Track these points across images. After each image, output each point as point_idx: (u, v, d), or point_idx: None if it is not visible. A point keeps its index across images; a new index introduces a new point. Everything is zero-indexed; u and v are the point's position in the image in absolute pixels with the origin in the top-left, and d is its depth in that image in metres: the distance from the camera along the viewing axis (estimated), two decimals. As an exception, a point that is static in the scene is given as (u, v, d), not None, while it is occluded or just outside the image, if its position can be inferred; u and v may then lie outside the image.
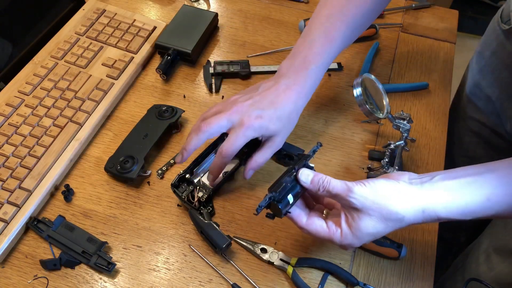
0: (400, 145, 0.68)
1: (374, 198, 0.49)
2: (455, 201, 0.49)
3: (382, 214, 0.49)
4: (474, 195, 0.49)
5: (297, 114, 0.64)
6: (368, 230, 0.50)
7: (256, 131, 0.60)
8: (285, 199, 0.52)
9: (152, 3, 0.94)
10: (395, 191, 0.50)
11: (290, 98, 0.62)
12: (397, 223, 0.50)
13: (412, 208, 0.49)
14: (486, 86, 0.82)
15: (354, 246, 0.53)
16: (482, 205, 0.49)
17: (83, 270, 0.60)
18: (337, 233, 0.52)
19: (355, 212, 0.50)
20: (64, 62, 0.79)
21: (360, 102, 0.68)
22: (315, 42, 0.63)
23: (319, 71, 0.64)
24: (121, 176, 0.66)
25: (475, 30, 2.23)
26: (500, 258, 0.77)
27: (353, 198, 0.49)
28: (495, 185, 0.49)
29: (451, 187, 0.50)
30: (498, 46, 0.78)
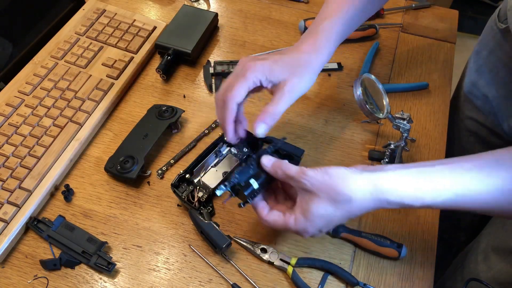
0: (400, 145, 0.68)
1: (324, 180, 0.51)
2: (404, 185, 0.50)
3: (330, 195, 0.50)
4: (423, 182, 0.50)
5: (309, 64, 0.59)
6: (319, 211, 0.51)
7: (258, 72, 0.56)
8: (249, 184, 0.55)
9: (152, 3, 0.94)
10: (345, 174, 0.51)
11: (299, 48, 0.60)
12: (346, 205, 0.50)
13: (360, 190, 0.50)
14: (483, 85, 0.82)
15: (308, 231, 0.53)
16: (430, 192, 0.50)
17: (83, 270, 0.60)
18: (291, 219, 0.53)
19: (307, 194, 0.52)
20: (64, 62, 0.79)
21: (360, 102, 0.68)
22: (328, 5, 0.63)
23: (334, 27, 0.62)
24: (121, 176, 0.66)
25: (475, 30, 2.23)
26: (499, 257, 0.77)
27: (305, 179, 0.51)
28: (444, 174, 0.50)
29: (400, 173, 0.51)
30: (495, 45, 0.78)
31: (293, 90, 0.57)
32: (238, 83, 0.55)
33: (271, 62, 0.57)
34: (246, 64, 0.57)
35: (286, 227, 0.54)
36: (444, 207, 0.51)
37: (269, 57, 0.58)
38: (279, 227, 0.54)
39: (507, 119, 0.79)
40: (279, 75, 0.57)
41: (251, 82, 0.56)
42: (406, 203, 0.50)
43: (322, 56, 0.61)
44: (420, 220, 0.66)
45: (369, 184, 0.50)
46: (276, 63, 0.57)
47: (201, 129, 0.74)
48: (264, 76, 0.56)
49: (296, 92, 0.58)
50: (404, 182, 0.50)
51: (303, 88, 0.59)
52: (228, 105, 0.56)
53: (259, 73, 0.56)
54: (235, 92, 0.55)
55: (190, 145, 0.72)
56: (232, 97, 0.55)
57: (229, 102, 0.55)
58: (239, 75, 0.56)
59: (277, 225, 0.55)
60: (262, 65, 0.56)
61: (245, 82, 0.56)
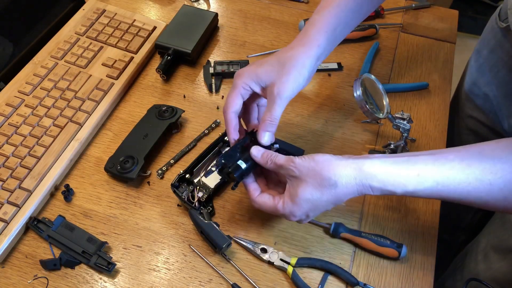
0: (400, 145, 0.68)
1: (310, 166, 0.53)
2: (386, 171, 0.52)
3: (316, 180, 0.52)
4: (405, 169, 0.52)
5: (297, 62, 0.58)
6: (305, 196, 0.53)
7: (245, 78, 0.58)
8: (237, 165, 0.57)
9: (152, 3, 0.94)
10: (330, 160, 0.53)
11: (288, 48, 0.60)
12: (331, 190, 0.52)
13: (345, 175, 0.52)
14: (484, 84, 0.82)
15: (295, 214, 0.55)
16: (413, 179, 0.51)
17: (83, 270, 0.60)
18: (280, 202, 0.55)
19: (295, 180, 0.54)
20: (64, 62, 0.79)
21: (360, 102, 0.68)
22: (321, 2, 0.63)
23: (325, 20, 0.62)
24: (121, 176, 0.66)
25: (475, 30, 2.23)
26: (498, 256, 0.77)
27: (293, 167, 0.53)
28: (427, 163, 0.51)
29: (384, 161, 0.53)
30: (496, 44, 0.78)
31: (282, 90, 0.57)
32: (231, 93, 0.60)
33: (256, 66, 0.59)
34: (236, 73, 0.60)
35: (275, 209, 0.56)
36: (426, 196, 0.52)
37: (258, 61, 0.60)
38: (268, 209, 0.56)
39: (508, 118, 0.79)
40: (265, 78, 0.58)
41: (242, 89, 0.59)
42: (388, 189, 0.52)
43: (311, 48, 0.60)
44: (420, 220, 0.66)
45: (353, 170, 0.52)
46: (261, 66, 0.59)
47: (201, 129, 0.74)
48: (252, 81, 0.59)
49: (287, 92, 0.57)
50: (387, 168, 0.52)
51: (294, 85, 0.58)
52: (226, 116, 0.60)
53: (246, 79, 0.59)
54: (230, 103, 0.59)
55: (190, 145, 0.72)
56: (227, 108, 0.59)
57: (226, 113, 0.60)
58: (232, 86, 0.60)
59: (266, 207, 0.57)
60: (248, 71, 0.59)
61: (236, 91, 0.59)
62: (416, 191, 0.52)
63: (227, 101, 0.59)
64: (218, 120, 0.75)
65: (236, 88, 0.59)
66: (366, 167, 0.52)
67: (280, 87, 0.57)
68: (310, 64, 0.59)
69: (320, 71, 0.83)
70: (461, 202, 0.52)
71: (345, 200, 0.53)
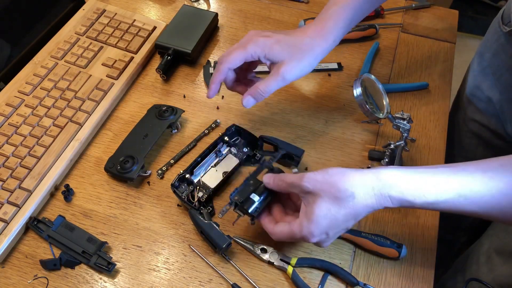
0: (400, 145, 0.68)
1: (324, 179, 0.51)
2: (406, 181, 0.50)
3: (332, 193, 0.50)
4: (425, 179, 0.50)
5: (312, 48, 0.60)
6: (322, 211, 0.50)
7: (258, 47, 0.58)
8: (250, 200, 0.57)
9: (152, 3, 0.94)
10: (345, 171, 0.51)
11: (305, 32, 0.60)
12: (349, 202, 0.50)
13: (362, 185, 0.50)
14: (487, 88, 0.82)
15: (314, 233, 0.51)
16: (433, 189, 0.49)
17: (83, 270, 0.60)
18: (296, 225, 0.53)
19: (310, 196, 0.51)
20: (64, 62, 0.79)
21: (360, 102, 0.68)
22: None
23: (343, 12, 0.62)
24: (121, 176, 0.66)
25: (475, 30, 2.23)
26: (501, 259, 0.77)
27: (305, 182, 0.51)
28: (449, 174, 0.50)
29: (403, 171, 0.51)
30: (499, 47, 0.78)
31: (289, 72, 0.59)
32: (237, 51, 0.59)
33: (273, 41, 0.58)
34: (251, 37, 0.59)
35: (292, 234, 0.53)
36: (446, 208, 0.50)
37: (274, 34, 0.59)
38: (286, 236, 0.54)
39: (510, 122, 0.79)
40: (278, 55, 0.58)
41: (249, 55, 0.59)
42: (407, 199, 0.50)
43: (327, 42, 0.61)
44: (420, 220, 0.66)
45: (370, 179, 0.50)
46: (278, 42, 0.58)
47: (201, 129, 0.74)
48: (263, 53, 0.58)
49: (291, 75, 0.59)
50: (407, 178, 0.50)
51: (300, 72, 0.60)
52: (220, 66, 0.59)
53: (259, 49, 0.58)
54: (231, 58, 0.59)
55: (190, 145, 0.72)
56: (226, 61, 0.59)
57: (222, 64, 0.59)
58: (240, 45, 0.59)
59: (284, 235, 0.54)
60: (264, 41, 0.58)
61: (243, 52, 0.58)
62: (436, 202, 0.49)
63: (230, 55, 0.58)
64: (218, 120, 0.75)
65: (245, 50, 0.58)
66: (384, 176, 0.50)
67: (288, 69, 0.58)
68: (321, 57, 0.61)
69: (320, 71, 0.83)
70: (482, 216, 0.51)
71: (364, 214, 0.51)
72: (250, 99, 0.60)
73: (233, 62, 0.59)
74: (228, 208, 0.59)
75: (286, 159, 0.70)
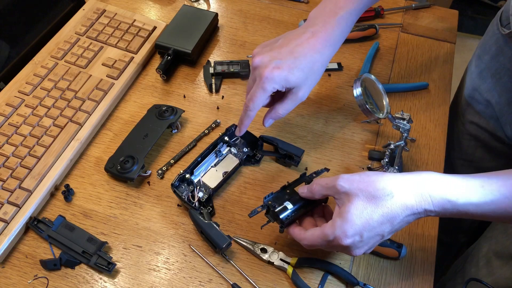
0: (400, 145, 0.68)
1: (361, 179, 0.50)
2: (447, 181, 0.49)
3: (369, 191, 0.49)
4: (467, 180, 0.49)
5: (322, 65, 0.60)
6: (357, 209, 0.49)
7: (276, 83, 0.58)
8: (284, 207, 0.57)
9: (152, 3, 0.94)
10: (383, 174, 0.51)
11: (314, 46, 0.59)
12: (387, 201, 0.48)
13: (401, 184, 0.49)
14: (485, 90, 0.82)
15: (347, 233, 0.49)
16: (477, 190, 0.48)
17: (83, 270, 0.60)
18: (328, 225, 0.51)
19: (344, 196, 0.51)
20: (64, 62, 0.79)
21: (360, 102, 0.69)
22: None
23: (350, 18, 0.61)
24: (121, 176, 0.66)
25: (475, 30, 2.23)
26: (501, 262, 0.77)
27: (341, 181, 0.51)
28: (490, 177, 0.49)
29: (444, 174, 0.50)
30: (497, 50, 0.77)
31: (305, 94, 0.60)
32: (260, 95, 0.59)
33: (287, 72, 0.58)
34: (263, 73, 0.58)
35: (324, 235, 0.51)
36: (491, 212, 0.48)
37: (284, 60, 0.58)
38: (317, 238, 0.52)
39: (510, 124, 0.79)
40: (295, 83, 0.59)
41: (270, 92, 0.59)
42: (450, 199, 0.48)
43: (335, 50, 0.62)
44: (420, 220, 0.66)
45: (410, 180, 0.49)
46: (291, 70, 0.58)
47: (201, 129, 0.74)
48: (281, 86, 0.59)
49: (307, 94, 0.61)
50: (447, 179, 0.49)
51: (313, 86, 0.61)
52: (251, 113, 0.60)
53: (276, 85, 0.58)
54: (256, 104, 0.59)
55: (190, 145, 0.72)
56: (254, 108, 0.60)
57: (252, 111, 0.60)
58: (259, 86, 0.58)
59: (315, 237, 0.52)
60: (279, 75, 0.57)
61: (264, 93, 0.58)
62: (480, 203, 0.48)
63: (255, 100, 0.59)
64: (218, 120, 0.75)
65: (266, 91, 0.58)
66: (424, 177, 0.49)
67: (305, 92, 0.60)
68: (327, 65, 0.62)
69: (320, 71, 0.83)
70: None
71: (402, 217, 0.49)
72: (270, 120, 0.62)
73: (259, 105, 0.60)
74: (260, 210, 0.58)
75: (286, 159, 0.70)
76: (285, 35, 0.61)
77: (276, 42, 0.61)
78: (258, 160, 0.70)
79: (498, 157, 0.86)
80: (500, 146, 0.84)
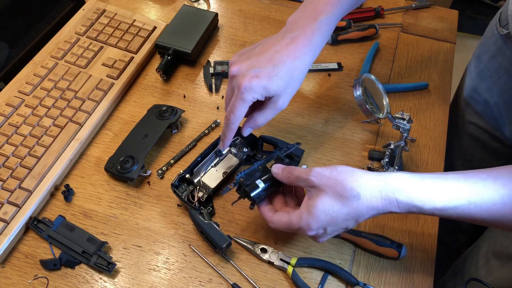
0: (400, 145, 0.68)
1: (331, 176, 0.50)
2: (415, 186, 0.49)
3: (337, 190, 0.49)
4: (435, 185, 0.49)
5: (303, 72, 0.58)
6: (324, 206, 0.50)
7: (255, 93, 0.56)
8: (255, 184, 0.57)
9: (152, 3, 0.94)
10: (354, 171, 0.51)
11: (294, 53, 0.57)
12: (353, 202, 0.49)
13: (369, 186, 0.49)
14: (484, 90, 0.82)
15: (312, 227, 0.51)
16: (443, 195, 0.49)
17: (83, 270, 0.60)
18: (295, 215, 0.52)
19: (314, 190, 0.51)
20: (64, 62, 0.79)
21: (360, 102, 0.69)
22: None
23: (330, 23, 0.59)
24: (121, 176, 0.66)
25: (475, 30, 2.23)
26: (500, 262, 0.77)
27: (312, 176, 0.51)
28: (459, 180, 0.49)
29: (412, 176, 0.50)
30: (496, 50, 0.77)
31: (285, 102, 0.58)
32: (240, 106, 0.57)
33: (266, 81, 0.55)
34: (242, 83, 0.55)
35: (290, 223, 0.53)
36: (455, 215, 0.49)
37: (262, 68, 0.56)
38: (284, 225, 0.54)
39: (508, 125, 0.79)
40: (274, 92, 0.57)
41: (250, 102, 0.57)
42: (415, 204, 0.49)
43: (315, 55, 0.59)
44: (420, 220, 0.66)
45: (378, 182, 0.49)
46: (271, 80, 0.55)
47: (201, 129, 0.74)
48: (260, 95, 0.56)
49: (287, 102, 0.59)
50: (416, 183, 0.49)
51: (293, 94, 0.59)
52: (232, 126, 0.59)
53: (256, 94, 0.56)
54: (237, 116, 0.58)
55: (190, 145, 0.72)
56: (235, 121, 0.58)
57: (234, 124, 0.59)
58: (238, 97, 0.56)
59: (282, 224, 0.54)
60: (258, 84, 0.55)
61: (244, 104, 0.57)
62: (445, 208, 0.48)
63: (236, 112, 0.57)
64: (218, 120, 0.75)
65: (246, 102, 0.56)
66: (393, 180, 0.49)
67: (285, 101, 0.58)
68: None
69: (320, 71, 0.83)
70: (492, 224, 0.50)
71: (367, 216, 0.50)
72: (249, 129, 0.62)
73: (241, 117, 0.58)
74: (231, 188, 0.58)
75: (286, 159, 0.70)
76: (263, 42, 0.59)
77: (254, 50, 0.58)
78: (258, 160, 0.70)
79: (497, 157, 0.86)
80: (499, 146, 0.84)
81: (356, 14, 0.91)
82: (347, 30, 0.87)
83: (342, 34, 0.87)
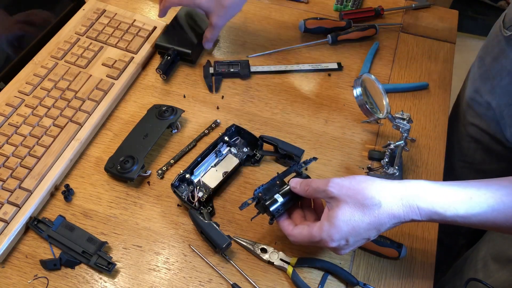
0: (400, 145, 0.68)
1: (351, 185, 0.50)
2: (436, 192, 0.49)
3: (357, 200, 0.49)
4: (456, 192, 0.49)
5: None
6: (345, 216, 0.49)
7: None
8: (274, 199, 0.57)
9: (152, 3, 0.94)
10: (373, 179, 0.51)
11: None
12: (374, 210, 0.49)
13: (390, 194, 0.49)
14: (486, 92, 0.81)
15: (333, 237, 0.51)
16: (465, 202, 0.48)
17: (83, 270, 0.60)
18: (316, 227, 0.52)
19: (334, 201, 0.51)
20: (64, 62, 0.79)
21: (360, 102, 0.69)
22: None
23: None
24: (121, 176, 0.66)
25: (475, 30, 2.23)
26: (498, 265, 0.77)
27: (331, 187, 0.51)
28: (480, 188, 0.49)
29: (432, 183, 0.50)
30: (499, 52, 0.77)
31: (217, 21, 0.77)
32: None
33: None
34: None
35: (311, 236, 0.52)
36: (478, 222, 0.49)
37: None
38: (305, 238, 0.53)
39: (510, 127, 0.78)
40: (205, 7, 0.74)
41: None
42: (437, 211, 0.48)
43: None
44: (420, 220, 0.66)
45: (399, 189, 0.49)
46: None
47: (201, 129, 0.74)
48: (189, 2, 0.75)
49: (222, 23, 0.77)
50: (437, 190, 0.49)
51: (229, 18, 0.76)
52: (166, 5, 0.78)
53: None
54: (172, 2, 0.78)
55: (190, 145, 0.72)
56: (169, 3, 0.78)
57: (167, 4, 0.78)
58: None
59: (302, 237, 0.53)
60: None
61: None
62: (467, 215, 0.48)
63: None
64: (218, 120, 0.75)
65: None
66: (413, 187, 0.49)
67: (217, 21, 0.76)
68: None
69: (320, 71, 0.83)
70: (508, 230, 0.49)
71: (389, 225, 0.49)
72: (210, 43, 0.81)
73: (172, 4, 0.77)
74: (250, 202, 0.58)
75: (286, 159, 0.70)
76: None
77: None
78: (258, 160, 0.70)
79: (498, 160, 0.86)
80: (501, 149, 0.84)
81: (356, 14, 0.91)
82: (347, 30, 0.87)
83: (342, 34, 0.87)
